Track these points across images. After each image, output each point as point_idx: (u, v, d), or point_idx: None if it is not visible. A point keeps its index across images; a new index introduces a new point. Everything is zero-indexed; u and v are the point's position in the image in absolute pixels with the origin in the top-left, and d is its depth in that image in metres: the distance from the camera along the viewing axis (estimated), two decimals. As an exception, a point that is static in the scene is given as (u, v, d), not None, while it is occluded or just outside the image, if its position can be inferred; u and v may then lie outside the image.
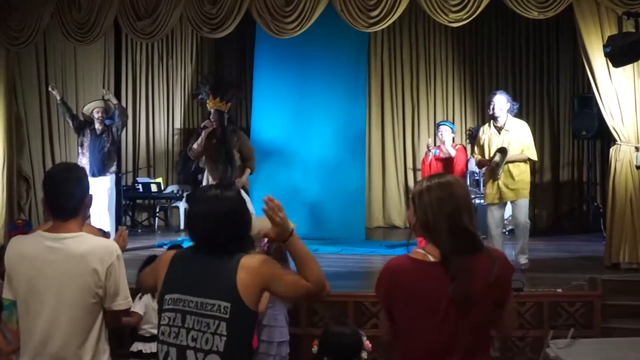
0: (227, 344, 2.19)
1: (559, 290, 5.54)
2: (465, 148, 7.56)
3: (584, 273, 6.01)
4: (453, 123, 8.20)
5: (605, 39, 6.09)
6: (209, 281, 2.26)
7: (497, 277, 2.16)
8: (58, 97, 7.88)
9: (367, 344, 2.94)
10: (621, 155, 6.35)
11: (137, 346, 4.39)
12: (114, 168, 7.99)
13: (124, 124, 8.17)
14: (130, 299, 2.64)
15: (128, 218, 10.19)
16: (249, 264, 2.28)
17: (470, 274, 2.13)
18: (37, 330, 2.52)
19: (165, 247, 6.77)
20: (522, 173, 6.42)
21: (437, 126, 7.47)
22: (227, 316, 2.20)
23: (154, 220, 10.28)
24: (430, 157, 7.05)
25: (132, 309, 3.98)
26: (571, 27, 7.93)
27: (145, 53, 10.66)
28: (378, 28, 7.03)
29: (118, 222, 8.45)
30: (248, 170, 6.90)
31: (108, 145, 7.75)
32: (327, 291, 2.34)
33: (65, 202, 2.58)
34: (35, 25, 7.31)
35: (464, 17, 6.61)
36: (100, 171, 7.67)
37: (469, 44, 10.29)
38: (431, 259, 2.17)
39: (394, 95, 10.46)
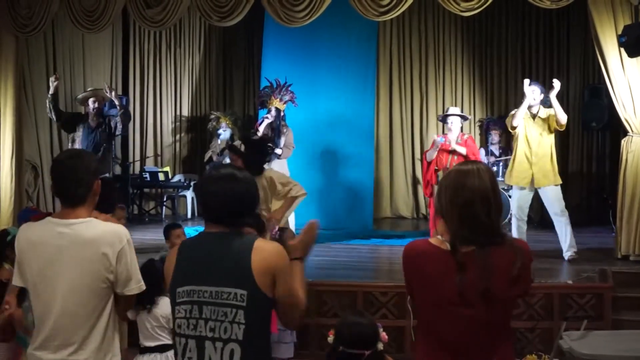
0: (246, 332, 2.17)
1: (569, 281, 5.53)
2: (473, 139, 7.44)
3: (594, 265, 6.01)
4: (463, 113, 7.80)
5: (618, 29, 6.04)
6: (222, 268, 2.20)
7: (520, 270, 2.06)
8: (51, 91, 7.24)
9: (384, 335, 2.92)
10: (633, 147, 6.31)
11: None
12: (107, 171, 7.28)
13: (124, 124, 7.60)
14: (142, 282, 2.61)
15: (135, 207, 10.19)
16: (265, 248, 2.23)
17: (489, 268, 2.02)
18: (49, 315, 2.51)
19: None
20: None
21: (446, 116, 7.07)
22: (244, 304, 2.16)
23: (162, 209, 10.29)
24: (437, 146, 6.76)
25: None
26: (582, 17, 7.87)
27: (153, 42, 10.61)
28: (388, 17, 6.98)
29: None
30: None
31: (104, 144, 7.15)
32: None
33: (73, 188, 2.54)
34: (44, 13, 7.27)
35: (475, 6, 6.55)
36: None
37: (479, 34, 10.22)
38: (448, 247, 2.09)
39: (402, 86, 10.40)
